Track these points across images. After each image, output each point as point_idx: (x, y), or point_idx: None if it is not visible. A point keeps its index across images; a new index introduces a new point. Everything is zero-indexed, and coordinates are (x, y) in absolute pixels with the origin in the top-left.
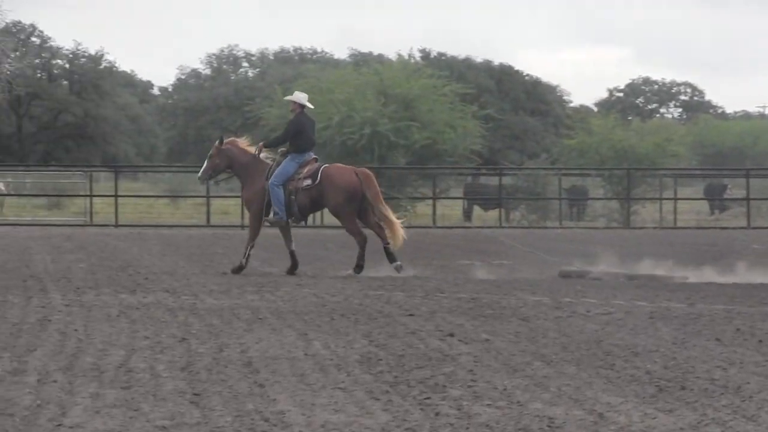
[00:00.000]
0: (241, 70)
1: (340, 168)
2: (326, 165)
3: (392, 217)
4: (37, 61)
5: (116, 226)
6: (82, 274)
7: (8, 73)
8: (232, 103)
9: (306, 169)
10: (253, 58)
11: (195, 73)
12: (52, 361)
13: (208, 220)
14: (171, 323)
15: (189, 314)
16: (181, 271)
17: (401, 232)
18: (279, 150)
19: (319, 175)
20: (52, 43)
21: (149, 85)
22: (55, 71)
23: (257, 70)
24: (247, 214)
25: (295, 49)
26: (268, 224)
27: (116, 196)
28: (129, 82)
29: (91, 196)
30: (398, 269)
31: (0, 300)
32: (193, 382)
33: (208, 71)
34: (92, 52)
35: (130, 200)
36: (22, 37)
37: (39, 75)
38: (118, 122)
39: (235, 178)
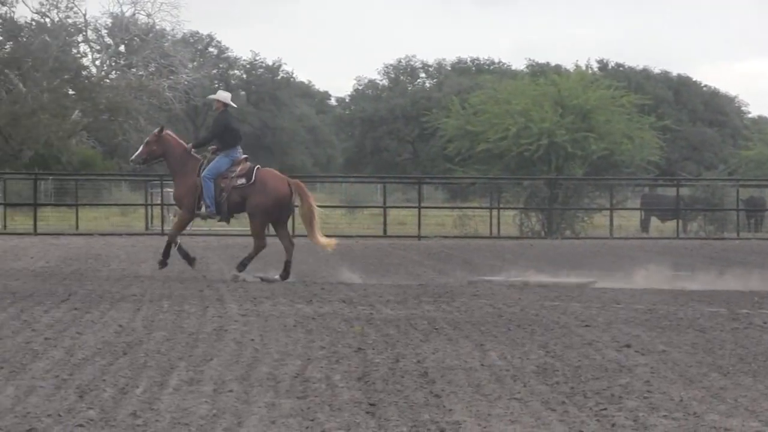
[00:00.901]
0: (418, 80)
1: (275, 175)
2: (260, 167)
3: (319, 235)
4: (214, 71)
5: (292, 236)
6: (259, 283)
7: (186, 83)
8: (408, 114)
9: (239, 168)
10: (431, 69)
11: (372, 84)
12: (228, 370)
13: (384, 230)
14: (347, 333)
15: (365, 324)
16: (357, 281)
17: (323, 237)
18: (209, 148)
19: (254, 175)
20: (230, 54)
21: (326, 95)
22: (233, 81)
23: (434, 80)
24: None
25: (472, 60)
26: (200, 218)
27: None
28: (306, 92)
29: None
30: (266, 280)
31: (177, 309)
32: (369, 392)
33: (385, 82)
34: (269, 62)
35: None
36: (200, 47)
37: (216, 85)
38: (295, 133)
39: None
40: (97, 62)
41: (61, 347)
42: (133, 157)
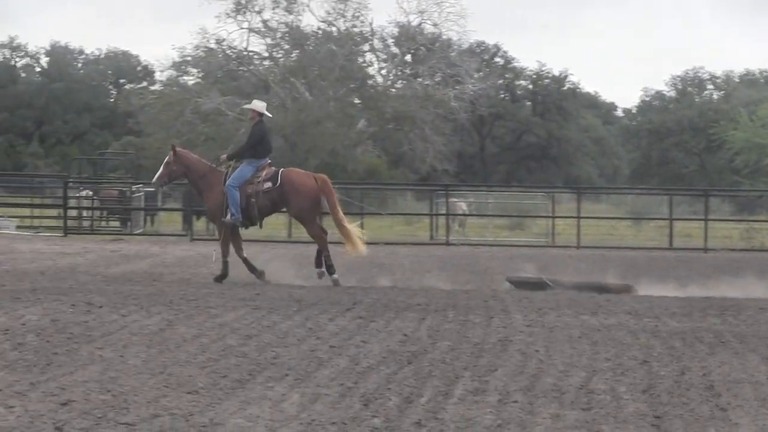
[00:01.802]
0: (706, 92)
1: (300, 173)
2: (284, 169)
3: (348, 225)
4: (500, 81)
5: (578, 247)
6: (543, 295)
7: (471, 93)
8: (696, 125)
9: (264, 173)
10: (718, 80)
11: (659, 95)
12: (512, 381)
13: (670, 242)
14: (632, 345)
15: (651, 336)
16: (641, 292)
17: (359, 242)
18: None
19: (279, 178)
20: (516, 64)
21: (612, 106)
22: (519, 92)
23: (722, 92)
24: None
25: (761, 71)
26: (224, 225)
27: (578, 217)
28: (592, 103)
29: (554, 217)
30: (320, 276)
31: (462, 319)
32: (654, 405)
33: (672, 93)
34: (556, 73)
35: (592, 222)
36: (486, 57)
37: (502, 95)
38: (581, 144)
39: None
40: (383, 71)
41: (346, 355)
42: (154, 179)
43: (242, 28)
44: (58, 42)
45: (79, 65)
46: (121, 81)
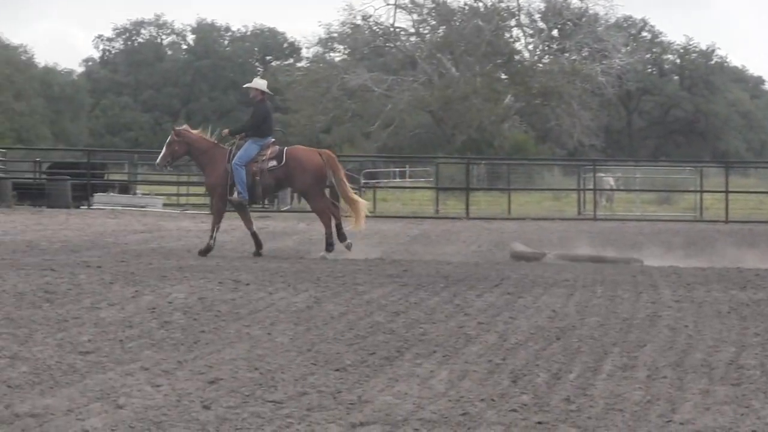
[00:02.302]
0: None
1: (305, 150)
2: (289, 147)
3: (356, 197)
4: (647, 56)
5: (726, 222)
6: (692, 270)
7: (618, 67)
8: None
9: (269, 151)
10: None
11: None
12: (661, 356)
13: None
14: None
15: None
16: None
17: (364, 214)
18: (237, 136)
19: (284, 156)
20: (663, 38)
21: (760, 80)
22: (666, 66)
23: None
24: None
25: None
26: (231, 204)
27: (726, 192)
28: (740, 77)
29: (701, 191)
30: (348, 247)
31: (610, 295)
32: None
33: None
34: (703, 47)
35: (740, 196)
36: (633, 32)
37: (649, 70)
38: (728, 118)
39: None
40: (530, 47)
41: (494, 332)
42: (158, 160)
43: (389, 4)
44: (205, 19)
45: (226, 42)
46: (268, 58)
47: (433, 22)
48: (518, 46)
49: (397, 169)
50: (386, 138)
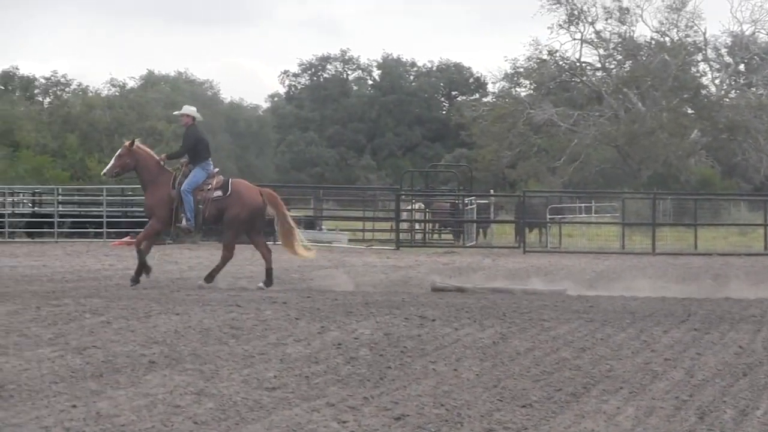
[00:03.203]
0: None
1: (248, 186)
2: (234, 179)
3: (297, 234)
4: None
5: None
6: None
7: None
8: None
9: (215, 181)
10: None
11: None
12: None
13: None
14: None
15: None
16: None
17: (301, 247)
18: (181, 161)
19: (230, 187)
20: None
21: None
22: None
23: None
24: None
25: None
26: (177, 230)
27: None
28: None
29: None
30: (261, 288)
31: None
32: None
33: None
34: None
35: None
36: None
37: None
38: None
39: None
40: (717, 81)
41: (680, 368)
42: (105, 170)
43: (575, 39)
44: (390, 55)
45: (411, 77)
46: (453, 93)
47: (620, 57)
48: (705, 80)
49: (583, 205)
50: (572, 173)
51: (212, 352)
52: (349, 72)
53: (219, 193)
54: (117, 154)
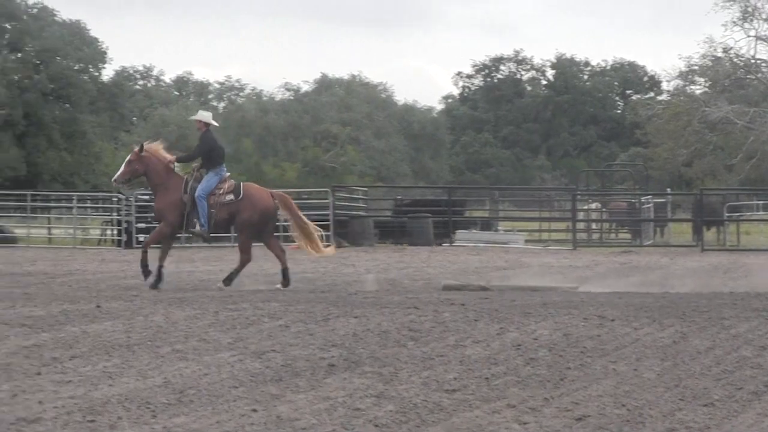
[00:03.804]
0: None
1: (259, 189)
2: (245, 183)
3: (313, 231)
4: None
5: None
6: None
7: None
8: None
9: (227, 185)
10: None
11: None
12: None
13: None
14: None
15: None
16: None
17: (321, 245)
18: (193, 165)
19: (242, 191)
20: None
21: None
22: None
23: None
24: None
25: None
26: (190, 235)
27: None
28: None
29: None
30: (281, 288)
31: None
32: None
33: None
34: None
35: None
36: None
37: None
38: None
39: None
40: None
41: None
42: (115, 177)
43: (749, 36)
44: (564, 54)
45: (585, 77)
46: (628, 92)
47: None
48: None
49: (761, 202)
50: (749, 170)
51: (391, 354)
52: (523, 72)
53: (231, 197)
54: (126, 160)
